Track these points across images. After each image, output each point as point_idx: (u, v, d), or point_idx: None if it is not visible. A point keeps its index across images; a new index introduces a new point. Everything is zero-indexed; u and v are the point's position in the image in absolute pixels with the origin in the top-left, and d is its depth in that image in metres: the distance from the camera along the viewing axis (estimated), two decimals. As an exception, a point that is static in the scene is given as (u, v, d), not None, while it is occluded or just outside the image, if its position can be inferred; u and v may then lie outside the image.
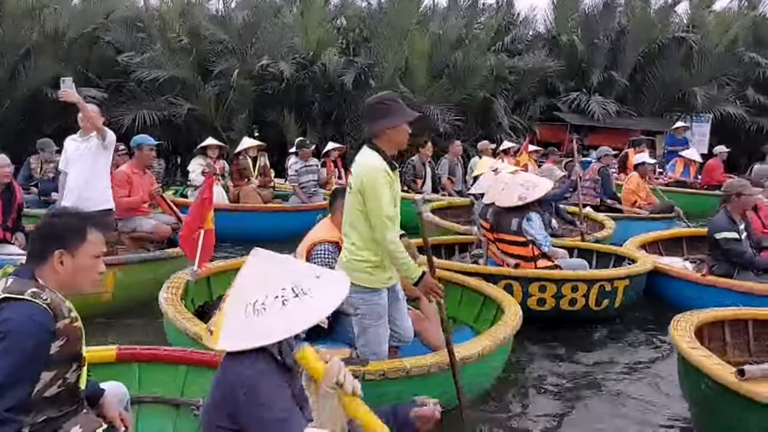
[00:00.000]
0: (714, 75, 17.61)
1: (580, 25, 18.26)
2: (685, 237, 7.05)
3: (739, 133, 17.35)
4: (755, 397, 2.90)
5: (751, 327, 4.17)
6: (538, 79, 17.06)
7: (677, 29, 18.03)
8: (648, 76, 17.70)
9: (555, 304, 5.04)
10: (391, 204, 3.24)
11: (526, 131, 15.91)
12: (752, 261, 5.34)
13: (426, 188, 10.16)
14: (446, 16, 17.27)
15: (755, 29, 18.68)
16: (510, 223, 5.28)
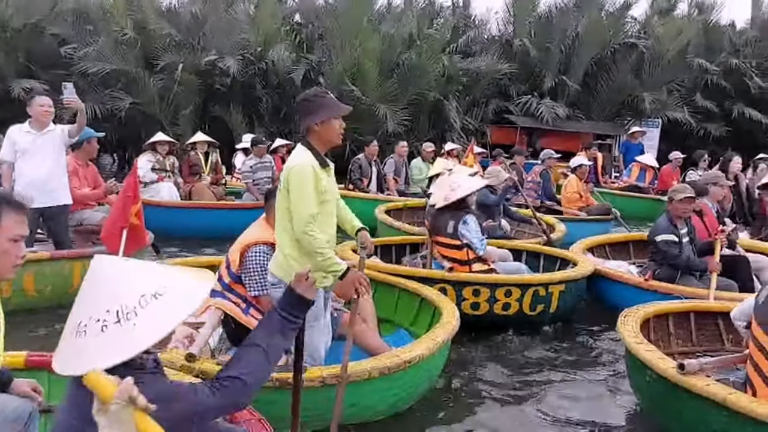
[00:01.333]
0: (664, 81, 18.04)
1: (535, 30, 18.54)
2: (632, 241, 7.11)
3: (687, 138, 17.83)
4: (693, 389, 3.10)
5: (692, 318, 4.50)
6: (490, 82, 17.25)
7: (629, 35, 18.43)
8: (600, 81, 18.02)
9: (489, 309, 5.03)
10: (314, 201, 3.22)
11: (477, 133, 16.12)
12: (687, 263, 5.39)
13: (372, 187, 10.22)
14: (401, 16, 17.39)
15: (705, 36, 19.25)
16: (446, 226, 5.30)
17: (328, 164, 3.37)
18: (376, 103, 14.30)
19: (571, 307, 5.54)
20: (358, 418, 3.40)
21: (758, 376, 3.08)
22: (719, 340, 4.51)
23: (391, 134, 14.09)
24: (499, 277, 5.18)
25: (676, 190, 5.63)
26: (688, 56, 18.28)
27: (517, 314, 5.10)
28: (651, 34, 18.66)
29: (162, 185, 8.66)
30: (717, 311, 4.49)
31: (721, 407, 2.97)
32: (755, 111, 18.03)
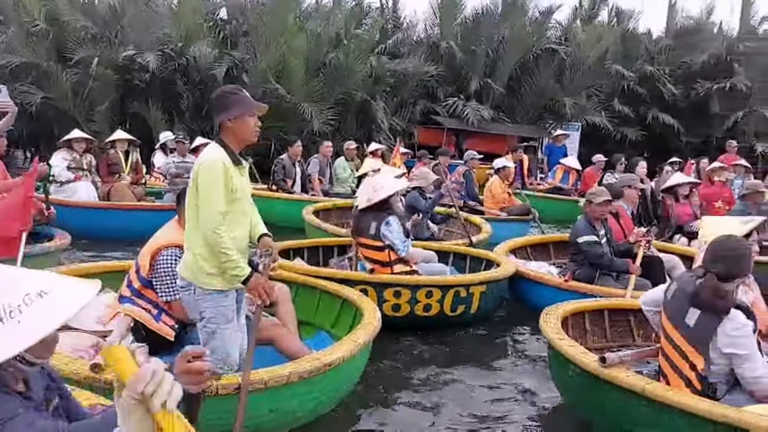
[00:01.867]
0: (584, 86, 18.71)
1: (461, 33, 18.85)
2: (553, 242, 7.26)
3: (605, 141, 18.60)
4: (614, 381, 3.26)
5: (606, 316, 4.73)
6: (418, 83, 17.41)
7: (551, 41, 19.04)
8: (524, 85, 18.52)
9: (410, 310, 5.02)
10: (223, 198, 3.12)
11: (405, 134, 16.28)
12: (610, 264, 5.54)
13: (296, 188, 10.11)
14: (329, 15, 17.33)
15: (623, 44, 20.10)
16: (368, 227, 5.27)
17: (241, 162, 3.29)
18: (301, 102, 14.19)
19: (493, 307, 5.62)
20: (279, 423, 3.34)
21: (670, 367, 3.24)
22: (631, 336, 4.75)
23: (316, 134, 14.01)
24: (420, 278, 5.19)
25: (594, 193, 5.78)
26: (607, 63, 19.02)
27: (439, 315, 5.13)
28: (572, 41, 19.34)
29: (79, 185, 8.33)
30: (629, 308, 4.70)
31: (640, 397, 3.14)
32: (668, 116, 18.97)
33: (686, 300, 3.13)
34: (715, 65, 19.31)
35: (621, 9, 20.87)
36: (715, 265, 3.11)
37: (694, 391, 3.09)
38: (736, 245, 3.17)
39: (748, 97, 18.49)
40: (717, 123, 18.89)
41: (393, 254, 5.21)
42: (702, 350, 3.05)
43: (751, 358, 2.98)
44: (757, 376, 2.98)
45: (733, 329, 2.96)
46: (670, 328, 3.21)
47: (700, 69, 19.47)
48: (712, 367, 3.05)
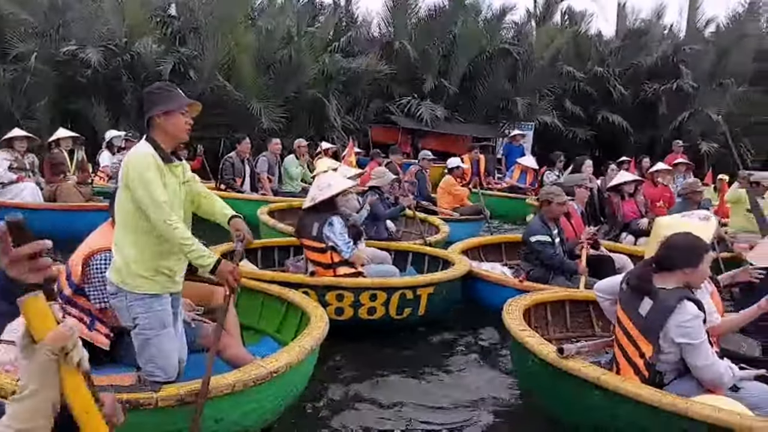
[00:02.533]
0: (536, 86, 18.97)
1: (415, 32, 18.88)
2: (505, 242, 7.24)
3: (557, 141, 18.85)
4: (571, 371, 3.36)
5: (567, 307, 4.85)
6: (372, 82, 17.35)
7: (503, 42, 19.22)
8: (477, 85, 18.68)
9: (354, 313, 4.90)
10: (162, 188, 2.98)
11: (359, 132, 16.20)
12: (561, 264, 5.54)
13: (245, 187, 9.91)
14: (281, 12, 17.12)
15: (575, 45, 20.46)
16: (311, 227, 5.13)
17: (173, 161, 3.14)
18: (250, 99, 13.96)
19: (444, 308, 5.52)
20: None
21: (622, 356, 3.35)
22: (590, 326, 4.87)
23: (267, 131, 13.80)
24: (364, 280, 5.06)
25: (553, 192, 5.74)
26: (559, 63, 19.30)
27: (384, 318, 5.01)
28: (525, 42, 19.57)
29: (24, 185, 8.03)
30: (588, 300, 4.76)
31: (595, 386, 3.25)
32: (618, 116, 19.34)
33: (642, 291, 3.25)
34: (662, 67, 19.79)
35: (573, 11, 21.22)
36: (660, 253, 3.28)
37: (643, 378, 3.20)
38: (686, 240, 3.28)
39: (693, 98, 19.01)
40: (664, 123, 19.35)
41: (336, 256, 5.07)
42: (652, 339, 3.16)
43: (701, 347, 3.08)
44: (707, 365, 3.09)
45: (686, 320, 3.06)
46: (623, 317, 3.33)
47: (648, 70, 19.92)
48: (662, 356, 3.15)
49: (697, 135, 18.35)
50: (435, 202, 10.06)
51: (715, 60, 19.68)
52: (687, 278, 3.18)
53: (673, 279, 3.19)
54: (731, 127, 18.97)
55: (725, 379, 3.11)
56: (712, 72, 19.55)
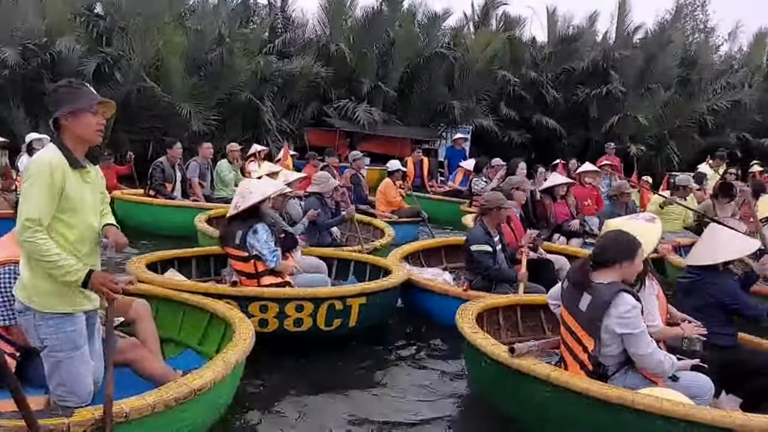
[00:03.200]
0: (473, 90, 19.20)
1: (351, 34, 18.77)
2: (446, 246, 7.14)
3: (494, 144, 19.13)
4: (522, 369, 3.49)
5: (519, 311, 4.94)
6: (308, 85, 17.17)
7: (440, 45, 19.35)
8: (415, 88, 18.75)
9: (279, 325, 4.69)
10: (45, 202, 2.71)
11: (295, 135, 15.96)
12: (498, 274, 5.46)
13: (176, 192, 9.53)
14: (213, 13, 16.69)
15: (510, 50, 20.77)
16: (234, 236, 4.92)
17: (84, 166, 2.90)
18: (180, 101, 13.53)
19: (379, 320, 5.36)
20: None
21: (569, 353, 3.48)
22: (542, 330, 4.95)
23: (200, 135, 13.40)
24: (289, 291, 4.86)
25: (501, 199, 5.67)
26: (494, 68, 19.58)
27: (312, 330, 4.82)
28: (461, 46, 19.78)
29: (-55, 194, 7.45)
30: (541, 304, 4.80)
31: (545, 383, 3.38)
32: (551, 120, 19.79)
33: (581, 288, 3.38)
34: (593, 72, 20.35)
35: (509, 16, 21.55)
36: (596, 249, 3.46)
37: (588, 372, 3.33)
38: (620, 236, 3.43)
39: (622, 102, 19.63)
40: (595, 126, 19.91)
41: (261, 265, 4.87)
42: (593, 333, 3.29)
43: (641, 336, 3.23)
44: (648, 353, 3.24)
45: (625, 311, 3.19)
46: (567, 315, 3.46)
47: (580, 75, 20.46)
48: (604, 349, 3.29)
49: (626, 138, 18.93)
50: (373, 205, 9.96)
51: (643, 65, 20.39)
52: (623, 272, 3.33)
53: (611, 274, 3.33)
54: (659, 130, 19.88)
55: (666, 366, 3.26)
56: (640, 77, 20.25)
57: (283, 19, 19.30)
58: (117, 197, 8.95)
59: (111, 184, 9.75)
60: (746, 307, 3.99)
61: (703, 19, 27.60)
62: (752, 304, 4.06)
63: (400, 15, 19.22)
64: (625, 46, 20.92)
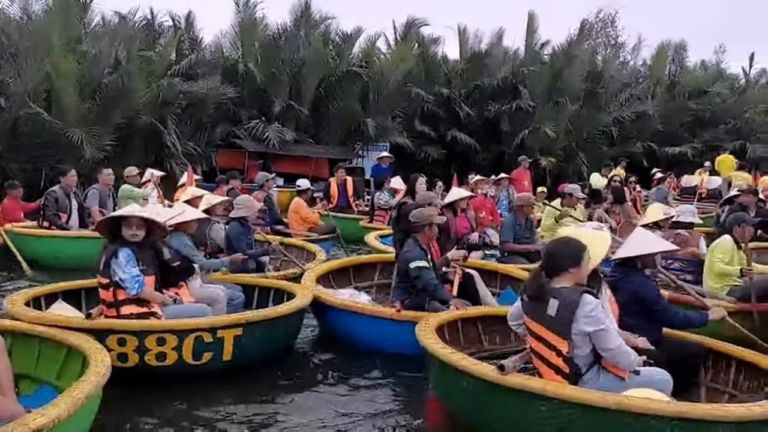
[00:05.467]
0: (388, 108, 19.41)
1: (262, 54, 18.65)
2: (352, 266, 6.91)
3: (411, 161, 19.30)
4: (515, 386, 3.40)
5: (480, 323, 4.91)
6: (217, 106, 16.87)
7: (353, 64, 19.45)
8: (329, 107, 18.76)
9: (139, 360, 4.37)
10: None
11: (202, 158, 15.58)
12: (434, 290, 5.29)
13: (72, 222, 8.97)
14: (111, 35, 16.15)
15: (424, 68, 21.15)
16: (100, 261, 4.61)
17: None
18: (72, 127, 12.96)
19: (266, 351, 4.93)
20: None
21: (542, 362, 3.54)
22: (480, 342, 4.91)
23: (95, 161, 12.83)
24: (149, 323, 4.51)
25: (430, 214, 5.55)
26: (408, 86, 19.88)
27: (178, 365, 4.46)
28: (375, 65, 19.96)
29: None
30: (502, 315, 4.75)
31: (541, 397, 3.33)
32: (465, 135, 20.24)
33: (545, 295, 3.47)
34: (504, 87, 20.99)
35: (423, 35, 21.92)
36: (545, 260, 3.60)
37: (564, 375, 3.42)
38: (565, 243, 3.60)
39: (532, 116, 20.31)
40: (508, 140, 20.50)
41: (121, 293, 4.54)
42: (565, 334, 3.39)
43: (609, 331, 3.39)
44: (617, 346, 3.39)
45: (589, 310, 3.33)
46: (534, 325, 3.54)
47: (491, 91, 21.04)
48: (576, 350, 3.40)
49: (537, 151, 19.57)
50: (287, 225, 9.77)
51: (551, 80, 21.20)
52: (574, 277, 3.47)
53: (563, 281, 3.48)
54: (568, 142, 20.69)
55: (632, 358, 3.45)
56: (548, 91, 21.03)
57: (189, 40, 18.93)
58: (8, 230, 8.50)
59: (15, 217, 9.17)
60: (666, 310, 4.28)
61: (614, 35, 29.21)
62: (674, 311, 4.35)
63: (311, 34, 19.22)
64: (533, 62, 21.69)
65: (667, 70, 25.32)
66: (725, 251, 5.87)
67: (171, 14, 19.14)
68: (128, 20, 17.79)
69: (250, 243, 6.75)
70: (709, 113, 24.31)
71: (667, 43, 25.20)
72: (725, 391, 4.21)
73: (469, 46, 22.47)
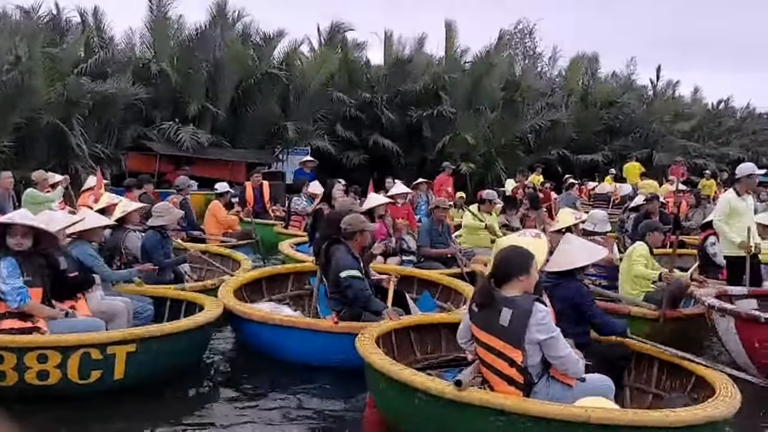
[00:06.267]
0: (309, 111, 19.24)
1: (177, 54, 18.12)
2: (265, 278, 6.58)
3: (333, 165, 19.13)
4: (474, 402, 3.38)
5: (412, 333, 4.85)
6: (127, 106, 16.24)
7: (272, 66, 19.13)
8: (248, 109, 18.42)
9: (19, 378, 4.08)
10: None
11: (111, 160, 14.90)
12: (368, 301, 5.11)
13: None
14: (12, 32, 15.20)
15: (347, 72, 21.08)
16: None
17: None
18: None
19: (165, 368, 4.63)
20: None
21: (493, 374, 3.51)
22: (440, 348, 4.87)
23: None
24: (28, 338, 4.19)
25: (362, 220, 5.41)
26: (330, 89, 19.78)
27: (62, 384, 4.17)
28: (296, 67, 19.73)
29: None
30: (443, 323, 4.89)
31: (499, 412, 3.33)
32: (388, 140, 20.32)
33: (497, 305, 3.45)
34: (425, 93, 21.20)
35: (347, 39, 21.94)
36: (494, 269, 3.61)
37: (518, 386, 3.41)
38: (514, 251, 3.62)
39: (453, 123, 20.64)
40: (429, 146, 20.74)
41: (2, 306, 4.24)
42: (519, 344, 3.39)
43: (558, 338, 3.43)
44: (566, 353, 3.43)
45: (541, 317, 3.37)
46: (485, 336, 3.51)
47: (414, 97, 21.23)
48: (528, 359, 3.40)
49: (457, 157, 19.89)
50: (204, 230, 9.46)
51: (471, 88, 21.62)
52: (523, 285, 3.50)
53: (512, 289, 3.49)
54: (487, 149, 21.14)
55: (580, 365, 3.50)
56: (468, 99, 21.44)
57: (99, 38, 18.11)
58: None
59: None
60: (599, 315, 4.39)
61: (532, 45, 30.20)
62: (606, 318, 4.47)
63: (229, 35, 18.79)
64: (454, 70, 22.06)
65: (581, 81, 26.32)
66: (643, 256, 6.09)
67: (79, 10, 18.26)
68: (32, 15, 16.89)
69: (168, 252, 6.45)
70: (619, 122, 25.46)
71: (581, 55, 26.26)
72: (649, 391, 4.33)
73: (393, 52, 22.62)
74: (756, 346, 4.84)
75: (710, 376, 3.91)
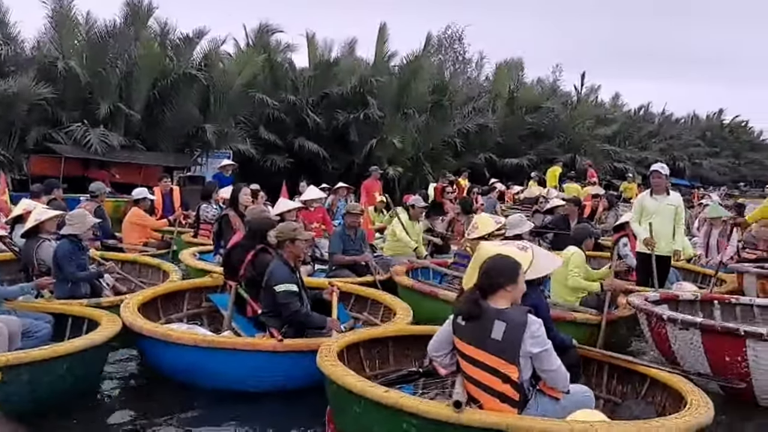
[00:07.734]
0: (230, 113, 18.84)
1: (86, 52, 17.32)
2: (187, 290, 5.98)
3: (255, 169, 18.73)
4: (475, 424, 3.15)
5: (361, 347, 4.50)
6: (31, 107, 15.42)
7: (191, 66, 18.56)
8: (165, 111, 17.83)
9: None
10: None
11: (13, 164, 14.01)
12: (307, 318, 4.82)
13: None
14: None
15: (271, 74, 20.77)
16: None
17: None
18: None
19: (42, 398, 4.02)
20: None
21: (482, 391, 3.32)
22: (408, 361, 4.62)
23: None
24: None
25: (293, 228, 5.11)
26: (252, 91, 19.40)
27: None
28: (216, 68, 19.23)
29: None
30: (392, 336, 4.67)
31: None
32: (314, 144, 20.11)
33: (487, 318, 3.30)
34: (352, 96, 21.13)
35: (275, 41, 21.63)
36: (481, 279, 3.45)
37: (512, 403, 3.26)
38: (502, 261, 3.51)
39: (380, 126, 20.64)
40: (356, 149, 20.69)
41: None
42: (513, 359, 3.25)
43: (551, 351, 3.35)
44: (557, 366, 3.37)
45: (535, 330, 3.28)
46: (472, 351, 3.33)
47: (340, 100, 21.12)
48: (522, 374, 3.29)
49: (385, 160, 19.90)
50: (120, 239, 8.93)
51: (399, 91, 21.69)
52: (511, 295, 3.40)
53: (500, 300, 3.37)
54: (415, 153, 21.27)
55: (567, 377, 3.45)
56: (396, 102, 21.50)
57: (1, 33, 17.03)
58: None
59: None
60: (552, 326, 4.17)
61: (461, 50, 30.77)
62: (557, 331, 4.25)
63: (145, 33, 18.09)
64: (382, 73, 22.08)
65: (507, 86, 26.97)
66: (579, 265, 5.99)
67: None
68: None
69: (83, 264, 5.92)
70: (544, 127, 26.26)
71: (507, 61, 26.96)
72: (602, 397, 4.28)
73: (319, 54, 22.40)
74: (726, 360, 4.68)
75: (665, 380, 3.93)
